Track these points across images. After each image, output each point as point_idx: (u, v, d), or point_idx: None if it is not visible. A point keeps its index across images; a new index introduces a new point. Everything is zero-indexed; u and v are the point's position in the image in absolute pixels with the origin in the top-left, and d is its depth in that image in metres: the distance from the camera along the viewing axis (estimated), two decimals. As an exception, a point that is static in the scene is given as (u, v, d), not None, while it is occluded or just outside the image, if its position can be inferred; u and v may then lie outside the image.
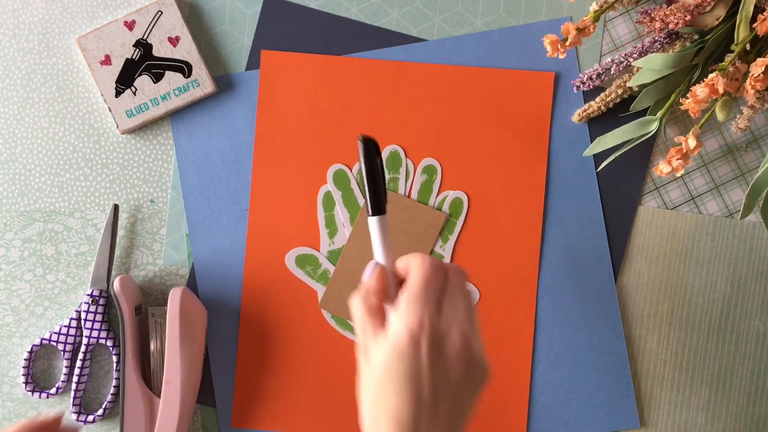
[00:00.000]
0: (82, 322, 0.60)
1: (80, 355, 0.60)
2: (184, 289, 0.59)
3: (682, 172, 0.56)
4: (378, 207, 0.45)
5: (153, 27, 0.60)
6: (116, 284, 0.59)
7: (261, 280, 0.62)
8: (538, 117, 0.62)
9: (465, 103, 0.62)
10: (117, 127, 0.61)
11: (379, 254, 0.46)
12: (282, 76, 0.62)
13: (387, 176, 0.62)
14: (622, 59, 0.59)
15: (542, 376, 0.63)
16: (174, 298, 0.58)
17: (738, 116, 0.60)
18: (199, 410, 0.63)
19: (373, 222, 0.45)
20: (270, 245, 0.62)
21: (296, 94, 0.62)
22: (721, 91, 0.52)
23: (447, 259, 0.62)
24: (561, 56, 0.55)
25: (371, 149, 0.45)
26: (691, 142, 0.55)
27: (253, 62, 0.62)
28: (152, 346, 0.61)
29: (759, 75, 0.52)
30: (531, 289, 0.62)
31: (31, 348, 0.61)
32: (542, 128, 0.62)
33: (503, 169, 0.62)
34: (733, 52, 0.55)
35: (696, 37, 0.58)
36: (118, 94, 0.61)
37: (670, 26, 0.56)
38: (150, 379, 0.61)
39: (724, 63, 0.53)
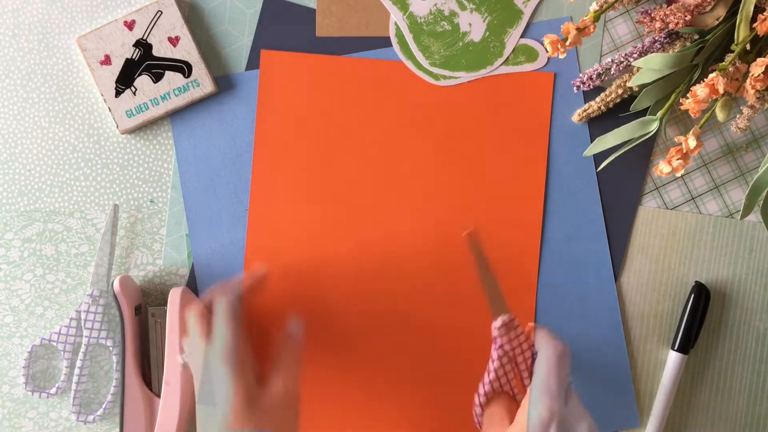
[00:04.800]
0: (82, 322, 0.60)
1: (80, 355, 0.60)
2: (183, 289, 0.59)
3: (682, 172, 0.56)
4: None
5: (153, 27, 0.60)
6: (116, 284, 0.59)
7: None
8: (538, 117, 0.62)
9: (465, 102, 0.62)
10: (117, 127, 0.61)
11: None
12: (282, 76, 0.62)
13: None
14: (622, 59, 0.59)
15: (542, 376, 0.63)
16: (174, 298, 0.58)
17: (738, 116, 0.60)
18: (199, 410, 0.63)
19: None
20: (270, 245, 0.62)
21: (296, 94, 0.62)
22: (721, 91, 0.52)
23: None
24: (561, 56, 0.55)
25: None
26: (691, 142, 0.55)
27: (253, 62, 0.62)
28: (152, 347, 0.61)
29: (759, 75, 0.52)
30: (531, 290, 0.62)
31: (31, 348, 0.61)
32: (542, 128, 0.62)
33: (503, 168, 0.62)
34: (733, 52, 0.55)
35: (696, 37, 0.58)
36: (118, 94, 0.61)
37: (670, 26, 0.56)
38: (150, 380, 0.61)
39: (724, 63, 0.53)
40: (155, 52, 0.61)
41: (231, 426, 0.49)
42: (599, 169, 0.62)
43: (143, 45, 0.61)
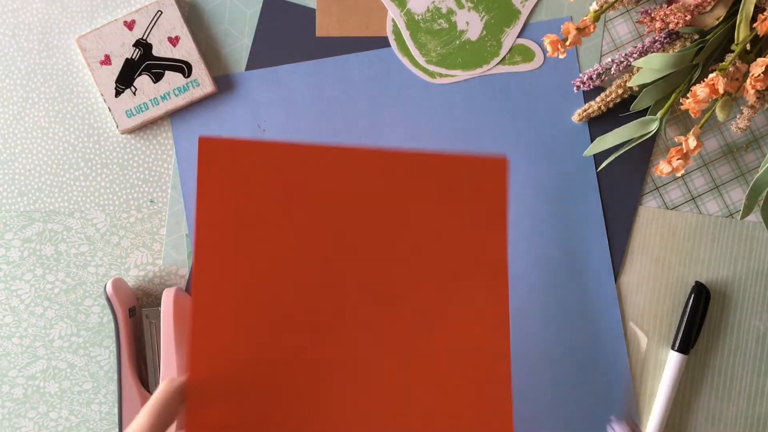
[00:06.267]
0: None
1: None
2: (177, 289, 0.59)
3: (682, 172, 0.56)
4: None
5: (153, 27, 0.60)
6: (109, 287, 0.59)
7: None
8: (492, 210, 0.53)
9: (410, 194, 0.53)
10: (117, 127, 0.61)
11: None
12: (224, 170, 0.50)
13: None
14: (622, 59, 0.59)
15: (542, 375, 0.62)
16: (167, 299, 0.58)
17: (738, 116, 0.59)
18: (199, 410, 0.63)
19: None
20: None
21: (243, 192, 0.51)
22: (721, 91, 0.52)
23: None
24: (561, 56, 0.55)
25: None
26: (692, 142, 0.55)
27: (253, 62, 0.62)
28: (147, 348, 0.61)
29: (759, 75, 0.52)
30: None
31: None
32: (498, 225, 0.53)
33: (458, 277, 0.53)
34: (733, 52, 0.55)
35: (696, 37, 0.58)
36: (117, 94, 0.61)
37: (671, 26, 0.56)
38: (147, 381, 0.61)
39: (724, 63, 0.53)
40: (155, 52, 0.61)
41: None
42: (599, 169, 0.62)
43: (143, 45, 0.61)
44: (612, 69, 0.60)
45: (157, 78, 0.61)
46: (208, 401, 0.49)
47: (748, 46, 0.55)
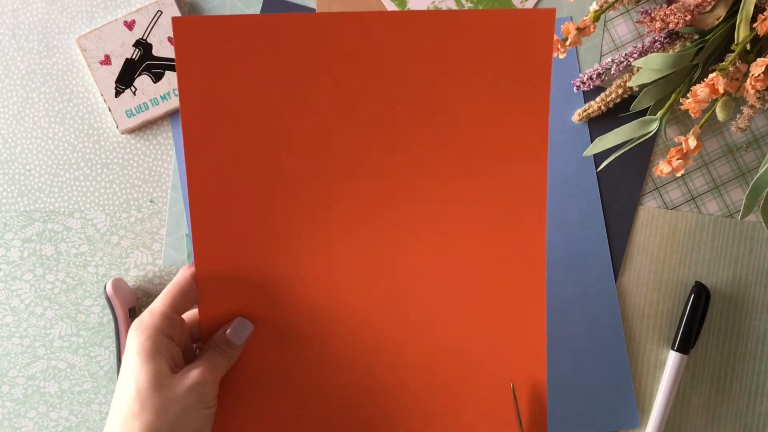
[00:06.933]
0: None
1: None
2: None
3: (682, 172, 0.56)
4: None
5: (153, 27, 0.60)
6: (109, 287, 0.59)
7: None
8: (534, 73, 0.47)
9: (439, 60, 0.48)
10: (117, 127, 0.61)
11: None
12: (203, 47, 0.46)
13: None
14: (622, 59, 0.59)
15: (542, 376, 0.63)
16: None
17: (738, 116, 0.60)
18: (199, 410, 0.63)
19: None
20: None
21: (230, 78, 0.47)
22: (721, 91, 0.52)
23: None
24: (561, 56, 0.55)
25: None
26: (691, 142, 0.55)
27: (253, 62, 0.62)
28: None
29: (759, 75, 0.52)
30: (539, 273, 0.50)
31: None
32: (540, 90, 0.48)
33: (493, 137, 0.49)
34: (733, 52, 0.55)
35: (696, 37, 0.58)
36: (117, 94, 0.61)
37: (671, 26, 0.56)
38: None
39: (724, 63, 0.53)
40: (155, 52, 0.61)
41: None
42: (599, 169, 0.62)
43: (143, 45, 0.61)
44: (612, 69, 0.60)
45: (157, 78, 0.61)
46: (219, 289, 0.49)
47: (748, 46, 0.55)
